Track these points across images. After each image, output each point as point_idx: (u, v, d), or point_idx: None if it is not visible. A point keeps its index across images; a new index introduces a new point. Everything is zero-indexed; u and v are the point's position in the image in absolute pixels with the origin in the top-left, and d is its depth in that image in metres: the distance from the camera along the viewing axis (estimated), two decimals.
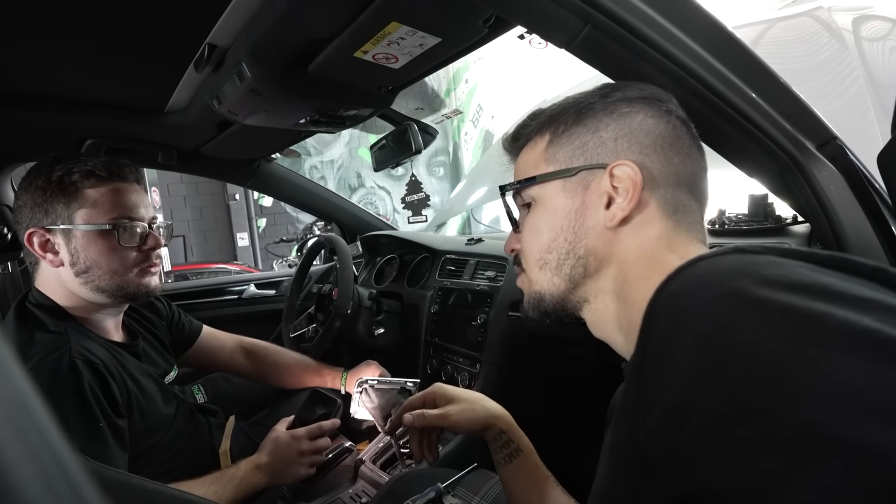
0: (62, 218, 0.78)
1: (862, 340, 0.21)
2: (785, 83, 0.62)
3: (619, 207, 0.44)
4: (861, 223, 0.67)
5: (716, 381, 0.24)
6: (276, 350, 1.25)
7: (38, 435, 0.13)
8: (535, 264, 0.49)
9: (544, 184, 0.48)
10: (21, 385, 0.13)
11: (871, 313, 0.22)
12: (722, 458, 0.23)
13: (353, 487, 1.00)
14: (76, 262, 0.79)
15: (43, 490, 0.12)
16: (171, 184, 5.25)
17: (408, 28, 0.67)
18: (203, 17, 0.73)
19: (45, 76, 0.90)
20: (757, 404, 0.22)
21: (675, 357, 0.26)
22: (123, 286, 0.83)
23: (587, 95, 0.48)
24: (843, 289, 0.24)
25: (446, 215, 4.90)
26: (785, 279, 0.25)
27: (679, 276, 0.30)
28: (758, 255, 0.28)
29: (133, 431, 0.79)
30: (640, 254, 0.44)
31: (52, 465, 0.12)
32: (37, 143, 1.13)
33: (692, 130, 0.48)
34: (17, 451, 0.11)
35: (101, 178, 0.80)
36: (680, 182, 0.45)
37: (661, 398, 0.26)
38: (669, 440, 0.25)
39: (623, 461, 0.31)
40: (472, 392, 0.69)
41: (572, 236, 0.46)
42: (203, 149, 1.25)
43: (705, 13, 0.55)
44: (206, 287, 1.72)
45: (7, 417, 0.12)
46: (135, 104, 1.06)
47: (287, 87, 0.83)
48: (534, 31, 0.54)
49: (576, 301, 0.48)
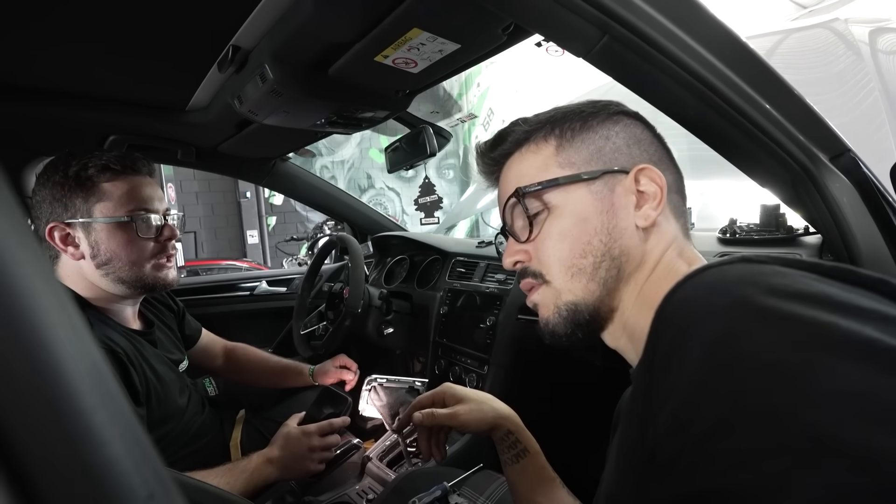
0: (81, 212, 0.81)
1: (863, 349, 0.22)
2: (799, 95, 0.63)
3: (651, 208, 0.45)
4: (873, 236, 0.67)
5: (722, 386, 0.25)
6: (251, 351, 1.26)
7: (115, 403, 0.14)
8: (566, 272, 0.46)
9: (567, 186, 0.46)
10: (97, 353, 0.15)
11: (873, 323, 0.23)
12: (726, 459, 0.24)
13: (360, 484, 1.01)
14: (97, 255, 0.82)
15: (123, 452, 0.13)
16: (183, 180, 5.32)
17: (429, 34, 0.68)
18: (229, 19, 0.75)
19: (71, 74, 0.93)
20: (761, 408, 0.23)
21: (682, 362, 0.27)
22: (142, 277, 0.85)
23: (583, 105, 0.49)
24: (846, 299, 0.25)
25: (456, 218, 4.91)
26: (790, 289, 0.26)
27: (688, 284, 0.30)
28: (764, 264, 0.29)
29: (150, 419, 0.81)
30: (661, 255, 0.45)
31: (129, 431, 0.14)
32: (61, 139, 1.16)
33: (666, 144, 0.51)
34: (102, 416, 0.13)
35: (116, 171, 0.83)
36: (679, 189, 0.49)
37: (669, 401, 0.27)
38: (676, 441, 0.26)
39: (631, 461, 0.32)
40: (480, 392, 0.69)
41: (607, 237, 0.45)
42: (221, 147, 1.28)
43: (721, 24, 0.55)
44: (219, 283, 1.74)
45: (93, 385, 0.13)
46: (158, 102, 1.09)
47: (307, 88, 0.85)
48: (552, 41, 0.55)
49: (608, 308, 0.46)
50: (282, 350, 1.62)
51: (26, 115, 1.02)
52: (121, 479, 0.13)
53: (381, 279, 1.60)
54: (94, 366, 0.14)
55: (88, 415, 0.13)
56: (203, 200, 5.54)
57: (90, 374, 0.13)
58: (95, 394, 0.13)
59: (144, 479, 0.13)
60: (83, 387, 0.13)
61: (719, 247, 0.90)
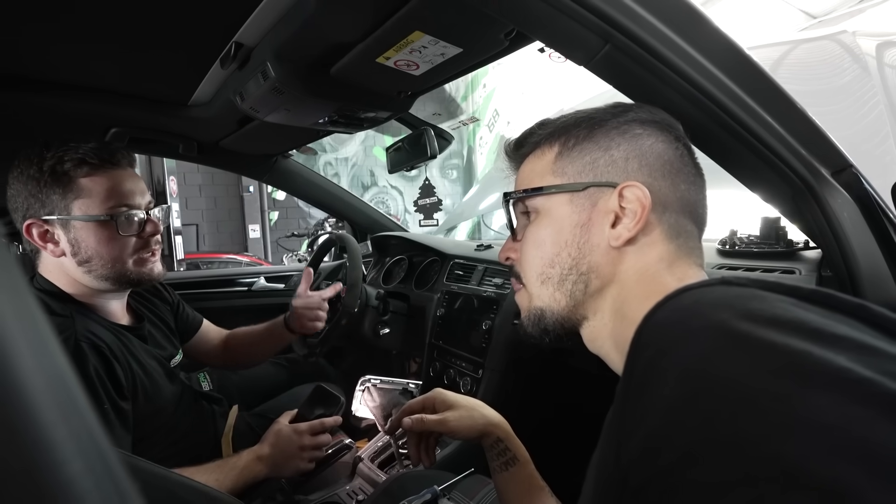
0: (59, 209, 0.78)
1: (834, 379, 0.22)
2: (802, 109, 0.62)
3: (626, 228, 0.44)
4: (873, 252, 0.67)
5: (693, 413, 0.25)
6: (241, 330, 1.24)
7: (79, 417, 0.14)
8: (537, 279, 0.48)
9: (551, 196, 0.47)
10: (63, 365, 0.14)
11: (846, 352, 0.23)
12: (696, 489, 0.23)
13: (351, 484, 1.01)
14: (77, 252, 0.79)
15: (84, 469, 0.13)
16: (187, 172, 5.33)
17: (430, 37, 0.68)
18: (232, 16, 0.75)
19: (77, 66, 0.93)
20: (731, 437, 0.23)
21: (657, 386, 0.27)
22: (125, 273, 0.83)
23: (600, 112, 0.48)
24: (822, 325, 0.25)
25: (457, 219, 4.91)
26: (767, 314, 0.26)
27: (666, 306, 0.30)
28: (743, 287, 0.29)
29: (137, 413, 0.81)
30: (641, 274, 0.44)
31: (92, 447, 0.14)
32: (64, 129, 1.16)
33: (696, 160, 0.49)
34: (62, 432, 0.13)
35: (94, 165, 0.79)
36: (684, 208, 0.46)
37: (642, 425, 0.27)
38: (648, 467, 0.26)
39: (607, 483, 0.32)
40: (471, 399, 0.69)
41: (576, 252, 0.45)
42: (223, 142, 1.28)
43: (724, 36, 0.55)
44: (218, 277, 1.74)
45: (54, 400, 0.13)
46: (160, 96, 1.09)
47: (309, 87, 0.85)
48: (553, 48, 0.55)
49: (576, 319, 0.47)
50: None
51: (34, 104, 1.02)
52: (80, 499, 0.13)
53: (379, 279, 1.60)
54: (57, 378, 0.13)
55: (47, 430, 0.12)
56: (206, 193, 5.55)
57: (52, 389, 0.13)
58: (55, 409, 0.13)
59: (106, 498, 0.13)
60: (43, 402, 0.12)
61: (718, 259, 0.90)
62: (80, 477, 0.13)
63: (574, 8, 0.47)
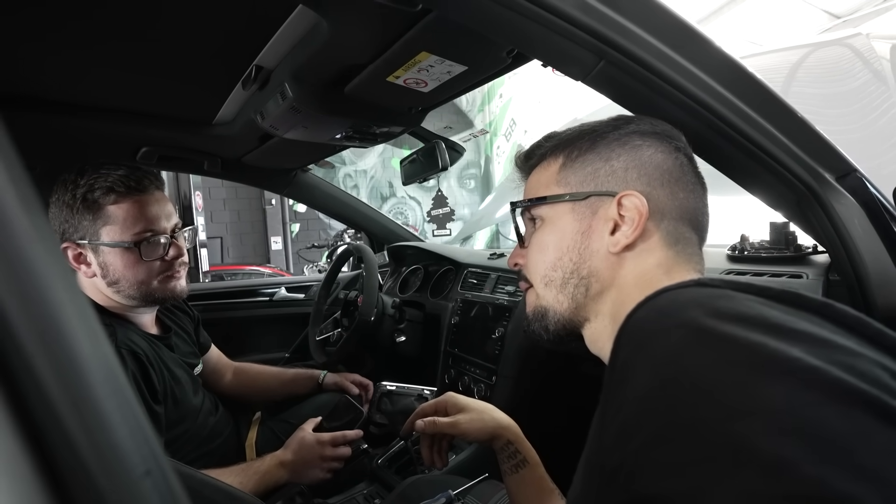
0: (90, 234, 0.83)
1: (786, 368, 0.24)
2: (801, 116, 0.63)
3: (624, 234, 0.46)
4: (880, 255, 0.67)
5: (661, 401, 0.27)
6: (259, 367, 1.28)
7: (129, 409, 0.17)
8: (541, 281, 0.51)
9: (554, 204, 0.50)
10: (115, 365, 0.18)
11: (801, 344, 0.25)
12: (658, 468, 0.26)
13: (368, 488, 1.04)
14: (106, 275, 0.85)
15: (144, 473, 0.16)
16: (212, 187, 5.49)
17: (436, 57, 0.72)
18: (253, 41, 0.80)
19: (111, 91, 1.00)
20: (691, 421, 0.25)
21: (632, 379, 0.30)
22: (151, 293, 0.89)
23: (602, 124, 0.51)
24: (783, 321, 0.27)
25: (474, 227, 4.93)
26: (732, 311, 0.28)
27: (646, 306, 0.33)
28: (715, 288, 0.31)
29: (167, 418, 0.85)
30: (639, 279, 0.46)
31: (150, 453, 0.17)
32: (99, 148, 1.23)
33: (696, 168, 0.51)
34: (120, 423, 0.16)
35: (120, 193, 0.84)
36: (683, 216, 0.48)
37: (619, 414, 0.30)
38: (620, 451, 0.28)
39: (591, 471, 0.34)
40: (482, 402, 0.71)
41: (577, 257, 0.48)
42: (245, 158, 1.34)
43: (718, 48, 0.57)
44: (240, 288, 1.80)
45: (117, 404, 0.16)
46: (187, 117, 1.15)
47: (325, 106, 0.89)
48: (550, 66, 0.57)
49: (578, 320, 0.50)
50: (298, 355, 1.67)
51: (72, 126, 1.09)
52: (124, 457, 0.16)
53: (395, 288, 1.63)
54: (106, 363, 0.17)
55: (100, 403, 0.16)
56: (230, 207, 5.71)
57: (102, 370, 0.16)
58: (106, 386, 0.16)
59: (143, 458, 0.16)
60: (96, 380, 0.16)
61: (728, 264, 0.90)
62: (125, 440, 0.16)
63: (567, 28, 0.49)
